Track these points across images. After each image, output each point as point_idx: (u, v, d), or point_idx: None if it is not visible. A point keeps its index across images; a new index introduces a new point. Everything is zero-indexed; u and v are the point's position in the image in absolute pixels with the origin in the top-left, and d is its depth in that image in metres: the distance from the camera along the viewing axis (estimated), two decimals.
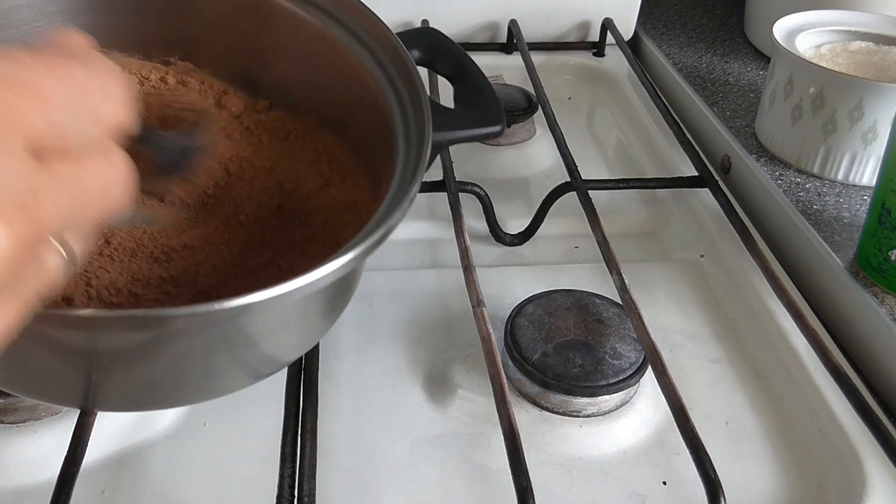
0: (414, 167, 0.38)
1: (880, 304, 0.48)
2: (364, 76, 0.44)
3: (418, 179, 0.37)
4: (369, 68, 0.44)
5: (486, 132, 0.45)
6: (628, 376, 0.43)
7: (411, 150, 0.40)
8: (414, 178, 0.37)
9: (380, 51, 0.44)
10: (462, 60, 0.49)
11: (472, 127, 0.45)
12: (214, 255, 0.41)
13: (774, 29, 0.63)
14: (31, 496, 0.39)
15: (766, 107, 0.65)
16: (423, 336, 0.49)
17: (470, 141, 0.45)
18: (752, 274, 0.53)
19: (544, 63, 0.80)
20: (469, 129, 0.44)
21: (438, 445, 0.43)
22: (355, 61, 0.45)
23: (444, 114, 0.44)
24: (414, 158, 0.39)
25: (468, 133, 0.44)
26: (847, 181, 0.60)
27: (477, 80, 0.48)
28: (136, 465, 0.41)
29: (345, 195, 0.45)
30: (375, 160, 0.43)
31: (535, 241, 0.58)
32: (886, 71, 0.62)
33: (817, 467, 0.43)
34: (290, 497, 0.37)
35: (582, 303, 0.48)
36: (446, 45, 0.50)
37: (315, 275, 0.32)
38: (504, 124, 0.45)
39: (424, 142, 0.39)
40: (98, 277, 0.38)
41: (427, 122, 0.40)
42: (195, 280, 0.39)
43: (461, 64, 0.49)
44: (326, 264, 0.32)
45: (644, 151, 0.70)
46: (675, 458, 0.42)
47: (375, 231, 0.34)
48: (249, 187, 0.45)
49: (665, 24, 0.88)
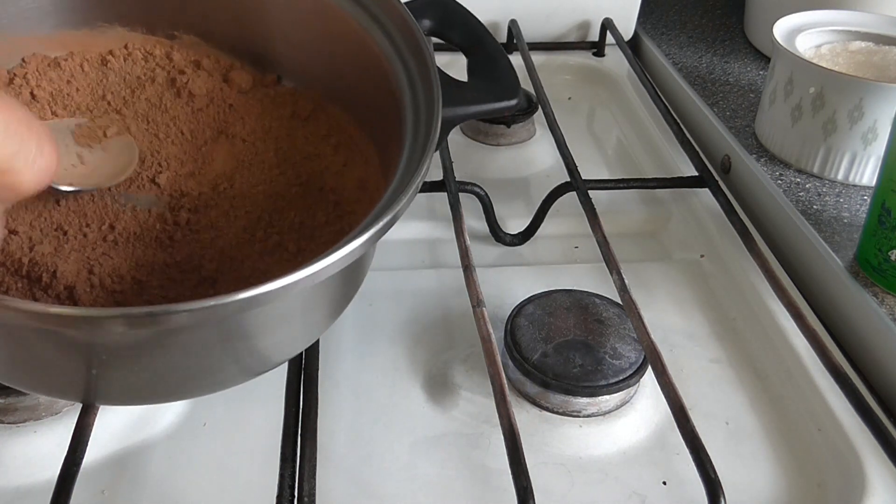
0: (423, 145, 0.37)
1: (880, 304, 0.48)
2: (372, 48, 0.43)
3: (427, 158, 0.35)
4: (377, 40, 0.42)
5: (500, 107, 0.43)
6: (628, 376, 0.43)
7: (420, 127, 0.38)
8: (423, 156, 0.36)
9: (388, 22, 0.42)
10: (476, 30, 0.47)
11: (485, 102, 0.42)
12: (220, 239, 0.40)
13: (774, 29, 0.63)
14: (31, 496, 0.39)
15: (766, 107, 0.65)
16: (423, 336, 0.49)
17: (483, 116, 0.42)
18: (752, 274, 0.53)
19: (544, 63, 0.80)
20: (482, 103, 0.42)
21: (438, 445, 0.43)
22: (363, 32, 0.43)
23: (456, 87, 0.42)
24: (423, 136, 0.37)
25: (481, 108, 0.42)
26: (847, 181, 0.60)
27: (491, 51, 0.45)
28: (136, 465, 0.41)
29: (354, 172, 0.43)
30: (385, 136, 0.42)
31: (535, 241, 0.58)
32: (886, 71, 0.62)
33: (817, 467, 0.42)
34: (290, 497, 0.37)
35: (582, 303, 0.48)
36: (460, 14, 0.48)
37: (321, 263, 0.30)
38: (520, 97, 0.43)
39: (434, 118, 0.37)
40: (101, 264, 0.37)
41: (437, 97, 0.38)
42: (200, 266, 0.39)
43: (475, 34, 0.47)
44: (336, 251, 0.30)
45: (644, 151, 0.70)
46: (675, 458, 0.42)
47: (384, 214, 0.33)
48: (256, 166, 0.44)
49: (665, 24, 0.88)
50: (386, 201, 0.34)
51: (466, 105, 0.42)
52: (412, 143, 0.38)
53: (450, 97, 0.40)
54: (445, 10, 0.48)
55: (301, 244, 0.40)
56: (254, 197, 0.43)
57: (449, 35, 0.47)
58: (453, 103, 0.41)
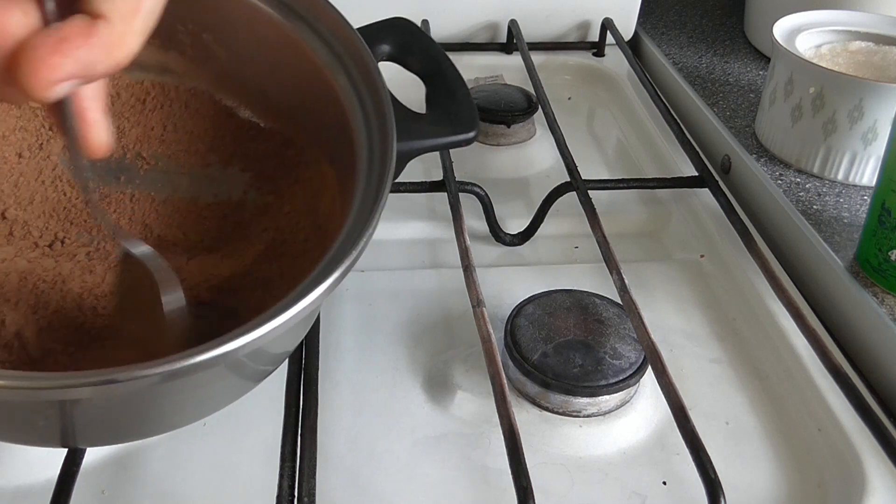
0: (377, 184, 0.35)
1: (880, 304, 0.48)
2: (327, 79, 0.41)
3: (381, 201, 0.34)
4: (332, 70, 0.41)
5: (456, 140, 0.42)
6: (628, 376, 0.43)
7: (374, 164, 0.37)
8: (377, 200, 0.34)
9: (343, 51, 0.41)
10: (436, 58, 0.46)
11: (442, 136, 0.41)
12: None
13: (774, 29, 0.63)
14: (31, 496, 0.39)
15: (766, 107, 0.65)
16: (423, 336, 0.49)
17: (440, 149, 0.42)
18: (752, 274, 0.53)
19: (544, 63, 0.80)
20: (438, 137, 0.41)
21: (438, 445, 0.43)
22: (318, 63, 0.41)
23: (413, 120, 0.41)
24: (377, 174, 0.36)
25: (437, 142, 0.41)
26: (847, 181, 0.60)
27: (450, 81, 0.44)
28: (136, 465, 0.41)
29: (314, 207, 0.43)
30: (345, 171, 0.40)
31: (535, 241, 0.58)
32: (886, 71, 0.62)
33: (817, 467, 0.42)
34: (290, 497, 0.37)
35: (582, 303, 0.48)
36: (419, 40, 0.46)
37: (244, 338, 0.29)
38: (476, 131, 0.42)
39: (388, 156, 0.36)
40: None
41: (390, 133, 0.37)
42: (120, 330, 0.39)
43: (434, 61, 0.45)
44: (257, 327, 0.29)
45: (644, 151, 0.70)
46: (675, 458, 0.42)
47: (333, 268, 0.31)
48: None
49: (665, 24, 0.88)
50: (329, 259, 0.33)
51: (422, 139, 0.41)
52: (366, 183, 0.37)
53: (406, 130, 0.39)
54: (404, 35, 0.46)
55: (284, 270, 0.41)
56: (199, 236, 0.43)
57: (407, 61, 0.46)
58: (409, 137, 0.40)
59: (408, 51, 0.46)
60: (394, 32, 0.46)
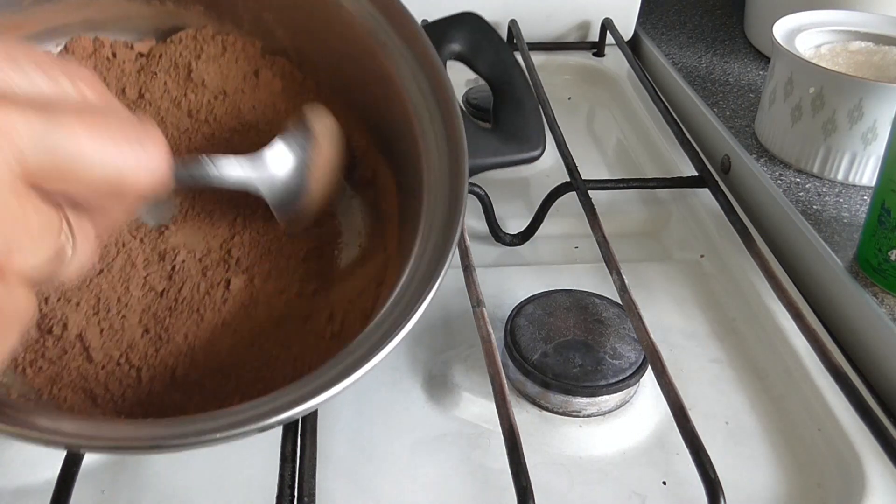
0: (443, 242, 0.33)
1: (880, 304, 0.48)
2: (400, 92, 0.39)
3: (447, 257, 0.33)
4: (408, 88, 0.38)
5: (523, 158, 0.40)
6: (628, 376, 0.43)
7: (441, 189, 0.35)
8: (441, 260, 0.33)
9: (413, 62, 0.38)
10: (506, 62, 0.43)
11: (508, 154, 0.40)
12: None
13: (774, 29, 0.63)
14: (31, 496, 0.39)
15: (765, 107, 0.65)
16: (423, 336, 0.49)
17: (505, 167, 0.40)
18: (752, 274, 0.53)
19: (544, 63, 0.80)
20: (504, 155, 0.40)
21: (438, 445, 0.43)
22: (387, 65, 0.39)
23: (481, 136, 0.40)
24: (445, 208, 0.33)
25: (503, 160, 0.40)
26: (847, 181, 0.60)
27: (519, 90, 0.42)
28: (136, 465, 0.41)
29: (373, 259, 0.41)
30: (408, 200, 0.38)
31: (535, 241, 0.58)
32: (886, 71, 0.62)
33: (817, 467, 0.42)
34: (290, 497, 0.37)
35: (582, 303, 0.48)
36: (490, 40, 0.44)
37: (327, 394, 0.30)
38: (544, 148, 0.40)
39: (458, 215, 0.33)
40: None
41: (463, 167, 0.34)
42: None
43: (504, 67, 0.43)
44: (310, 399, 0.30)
45: (644, 151, 0.70)
46: (675, 458, 0.42)
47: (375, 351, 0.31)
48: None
49: (665, 24, 0.88)
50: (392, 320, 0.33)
51: (489, 156, 0.40)
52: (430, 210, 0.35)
53: (473, 147, 0.38)
54: (473, 32, 0.44)
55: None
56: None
57: (476, 64, 0.44)
58: (477, 154, 0.39)
59: (477, 50, 0.44)
60: (462, 27, 0.44)
